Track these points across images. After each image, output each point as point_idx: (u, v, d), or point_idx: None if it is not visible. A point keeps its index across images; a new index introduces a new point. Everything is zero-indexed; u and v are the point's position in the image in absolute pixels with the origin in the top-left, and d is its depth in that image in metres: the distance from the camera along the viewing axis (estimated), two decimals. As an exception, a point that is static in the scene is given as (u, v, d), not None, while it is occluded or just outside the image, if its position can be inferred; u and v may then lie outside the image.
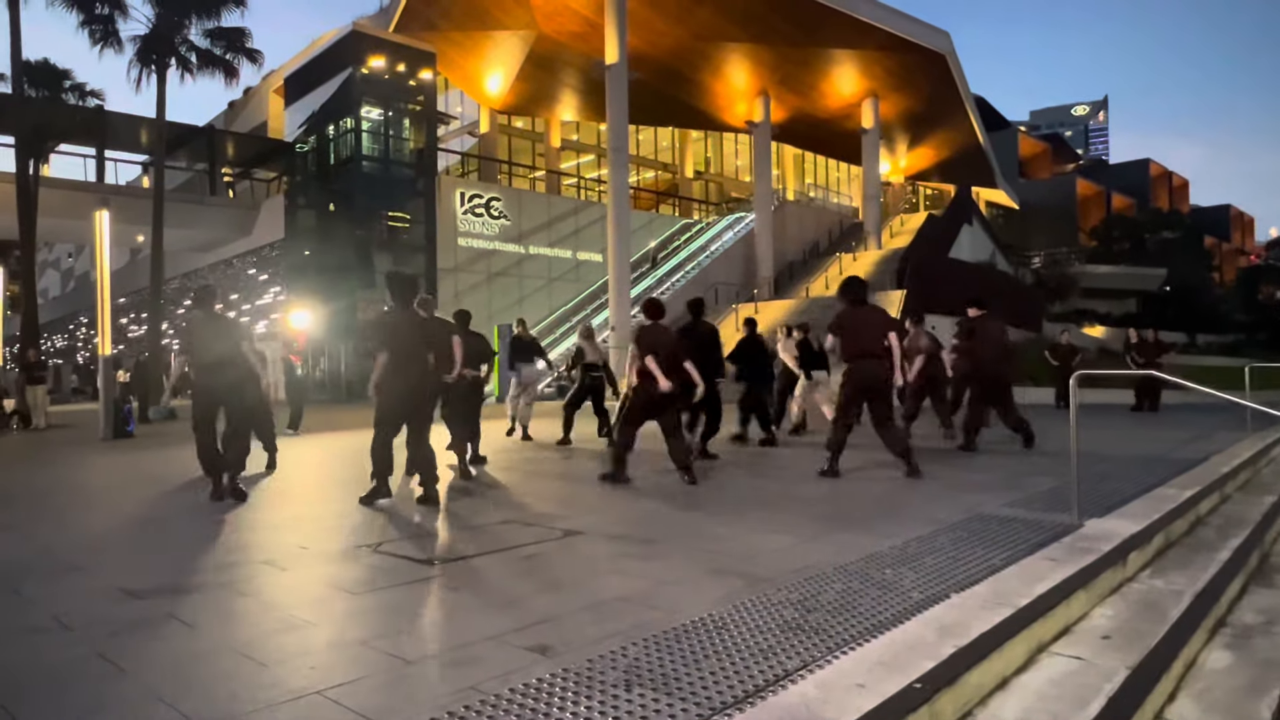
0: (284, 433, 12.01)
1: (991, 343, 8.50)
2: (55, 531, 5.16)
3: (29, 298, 20.95)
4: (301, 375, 13.08)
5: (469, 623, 3.00)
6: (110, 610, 3.25)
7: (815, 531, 4.50)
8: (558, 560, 3.97)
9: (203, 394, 6.12)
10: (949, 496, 5.52)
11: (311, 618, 3.10)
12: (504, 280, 28.76)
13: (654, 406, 6.33)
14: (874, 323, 6.64)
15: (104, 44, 20.76)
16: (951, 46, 32.76)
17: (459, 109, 37.70)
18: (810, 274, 33.56)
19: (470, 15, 30.38)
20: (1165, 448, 8.24)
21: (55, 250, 48.89)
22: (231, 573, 3.80)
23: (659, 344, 6.37)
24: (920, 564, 3.66)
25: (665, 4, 28.33)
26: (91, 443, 12.21)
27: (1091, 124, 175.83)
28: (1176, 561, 4.28)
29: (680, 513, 5.30)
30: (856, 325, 6.53)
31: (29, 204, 20.49)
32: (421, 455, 5.79)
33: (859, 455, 8.05)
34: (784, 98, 34.58)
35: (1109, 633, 3.19)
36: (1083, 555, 3.76)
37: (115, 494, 7.13)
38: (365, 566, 3.89)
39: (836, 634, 2.74)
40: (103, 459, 10.09)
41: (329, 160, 27.64)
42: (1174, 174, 76.73)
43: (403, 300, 6.02)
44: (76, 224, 23.90)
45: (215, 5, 21.27)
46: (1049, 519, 4.58)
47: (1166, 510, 4.81)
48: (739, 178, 45.29)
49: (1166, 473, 6.22)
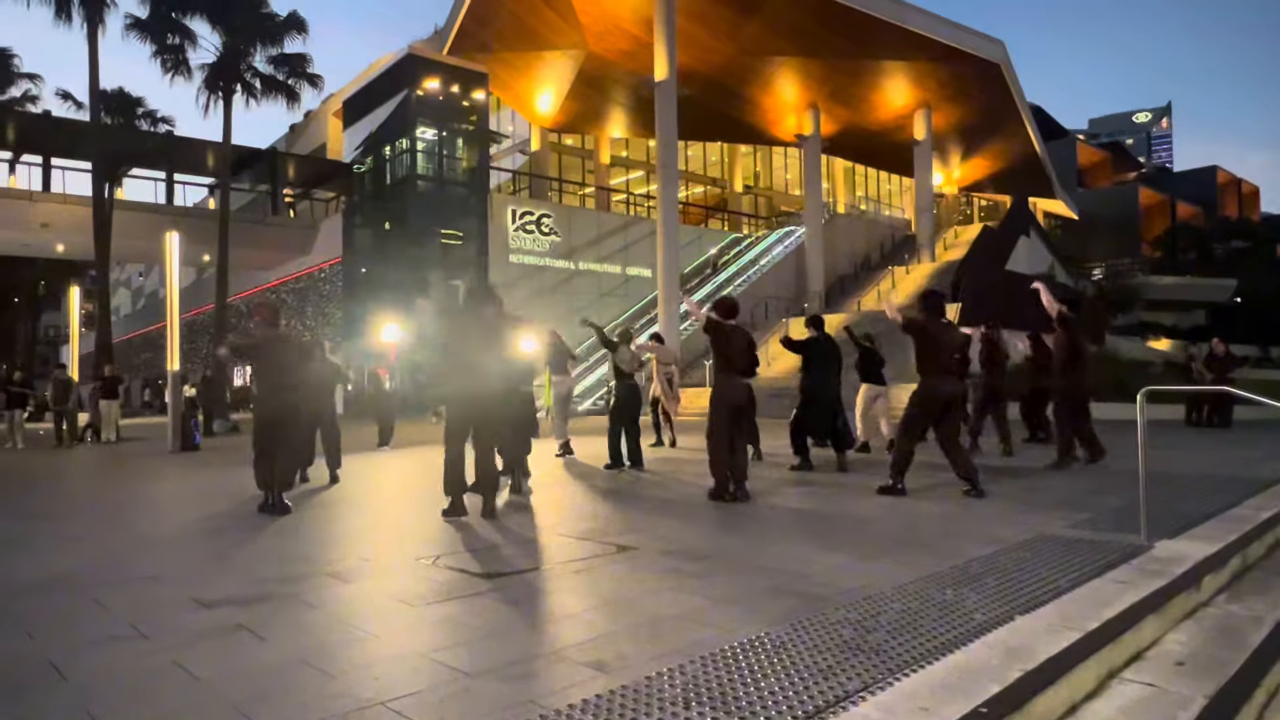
0: (379, 449, 12.14)
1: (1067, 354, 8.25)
2: (127, 542, 5.37)
3: (104, 316, 21.86)
4: (391, 390, 13.09)
5: (526, 637, 3.03)
6: (184, 619, 3.37)
7: (872, 550, 4.44)
8: (612, 576, 3.99)
9: (263, 413, 6.31)
10: (1011, 516, 5.39)
11: (374, 630, 3.16)
12: (554, 296, 29.04)
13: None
14: (951, 339, 6.57)
15: (175, 72, 21.70)
16: (1006, 55, 32.18)
17: (510, 128, 38.34)
18: (862, 287, 33.15)
19: (522, 37, 30.94)
20: (1237, 466, 7.92)
21: (126, 269, 51.00)
22: (297, 584, 3.91)
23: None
24: (982, 585, 3.58)
25: (714, 21, 28.45)
26: (160, 455, 12.67)
27: (1154, 131, 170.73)
28: (1254, 586, 4.11)
29: (734, 529, 5.27)
30: (937, 338, 6.45)
31: (104, 226, 21.43)
32: (484, 467, 5.87)
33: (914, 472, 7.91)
34: (834, 110, 34.36)
35: (1183, 659, 3.08)
36: (1153, 578, 3.64)
37: (183, 506, 7.39)
38: (424, 580, 3.96)
39: (897, 655, 2.70)
40: (170, 471, 10.45)
41: (385, 180, 28.36)
42: (1243, 181, 74.02)
43: (479, 311, 5.94)
44: (147, 244, 24.89)
45: (278, 33, 22.08)
46: (1116, 540, 4.44)
47: (1242, 532, 4.62)
48: (788, 191, 45.09)
49: (1240, 492, 5.98)
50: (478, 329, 5.86)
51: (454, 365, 5.82)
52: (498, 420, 6.10)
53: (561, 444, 10.17)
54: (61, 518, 6.58)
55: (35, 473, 10.90)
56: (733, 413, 6.35)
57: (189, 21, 21.50)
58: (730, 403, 6.35)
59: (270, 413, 6.24)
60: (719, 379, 6.50)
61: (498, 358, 5.97)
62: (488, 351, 5.87)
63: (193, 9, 21.23)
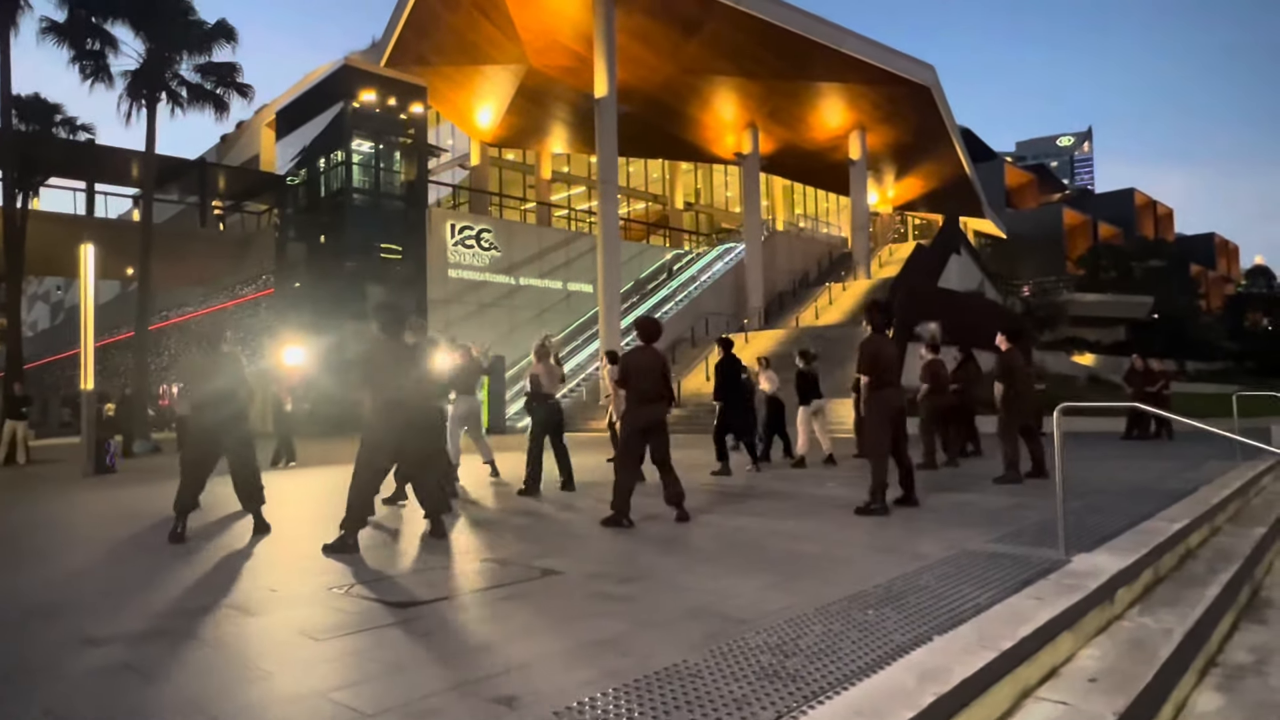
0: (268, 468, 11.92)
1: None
2: (21, 574, 5.03)
3: (14, 332, 20.77)
4: (290, 411, 12.95)
5: (435, 671, 2.90)
6: (69, 660, 3.13)
7: (799, 569, 4.41)
8: (534, 602, 3.87)
9: (198, 432, 6.05)
10: (936, 531, 5.44)
11: (272, 667, 2.99)
12: (495, 311, 28.74)
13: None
14: (894, 352, 6.65)
15: (95, 79, 20.80)
16: (936, 79, 33.22)
17: (450, 142, 37.98)
18: (800, 303, 33.66)
19: (461, 50, 30.71)
20: (1154, 478, 8.19)
21: (45, 283, 48.76)
22: (197, 618, 3.68)
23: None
24: (904, 603, 3.57)
25: (655, 39, 28.70)
26: (73, 479, 12.03)
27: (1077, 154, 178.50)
28: (1166, 598, 4.21)
29: (665, 550, 5.20)
30: (885, 353, 6.52)
31: (16, 237, 20.42)
32: (429, 487, 5.82)
33: (849, 487, 7.97)
34: (772, 130, 34.94)
35: (1096, 675, 3.11)
36: (1069, 593, 3.68)
37: (88, 533, 6.99)
38: (334, 611, 3.78)
39: (814, 681, 2.65)
40: (80, 496, 9.92)
41: (320, 193, 27.70)
42: (1158, 203, 77.69)
43: (392, 330, 5.79)
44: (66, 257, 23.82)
45: (206, 41, 21.40)
46: (1036, 554, 4.50)
47: (1155, 544, 4.73)
48: (729, 208, 45.61)
49: (1155, 504, 6.15)
50: (393, 350, 5.71)
51: (375, 388, 5.61)
52: (425, 442, 5.97)
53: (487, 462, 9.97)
54: (-50, 549, 6.15)
55: (-70, 499, 10.22)
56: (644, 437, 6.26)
57: (110, 27, 20.65)
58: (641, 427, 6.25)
59: (204, 431, 6.04)
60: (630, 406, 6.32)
61: (416, 379, 5.82)
62: (405, 373, 5.69)
63: (113, 14, 20.40)
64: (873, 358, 6.51)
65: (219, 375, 6.10)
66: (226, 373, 6.15)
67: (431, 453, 6.46)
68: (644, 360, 6.31)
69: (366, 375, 5.65)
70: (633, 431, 6.26)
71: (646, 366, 6.27)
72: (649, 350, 6.39)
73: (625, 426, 6.36)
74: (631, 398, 6.30)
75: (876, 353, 6.53)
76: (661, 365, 6.33)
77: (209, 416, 6.00)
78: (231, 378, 6.14)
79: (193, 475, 5.94)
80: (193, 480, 5.93)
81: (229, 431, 6.04)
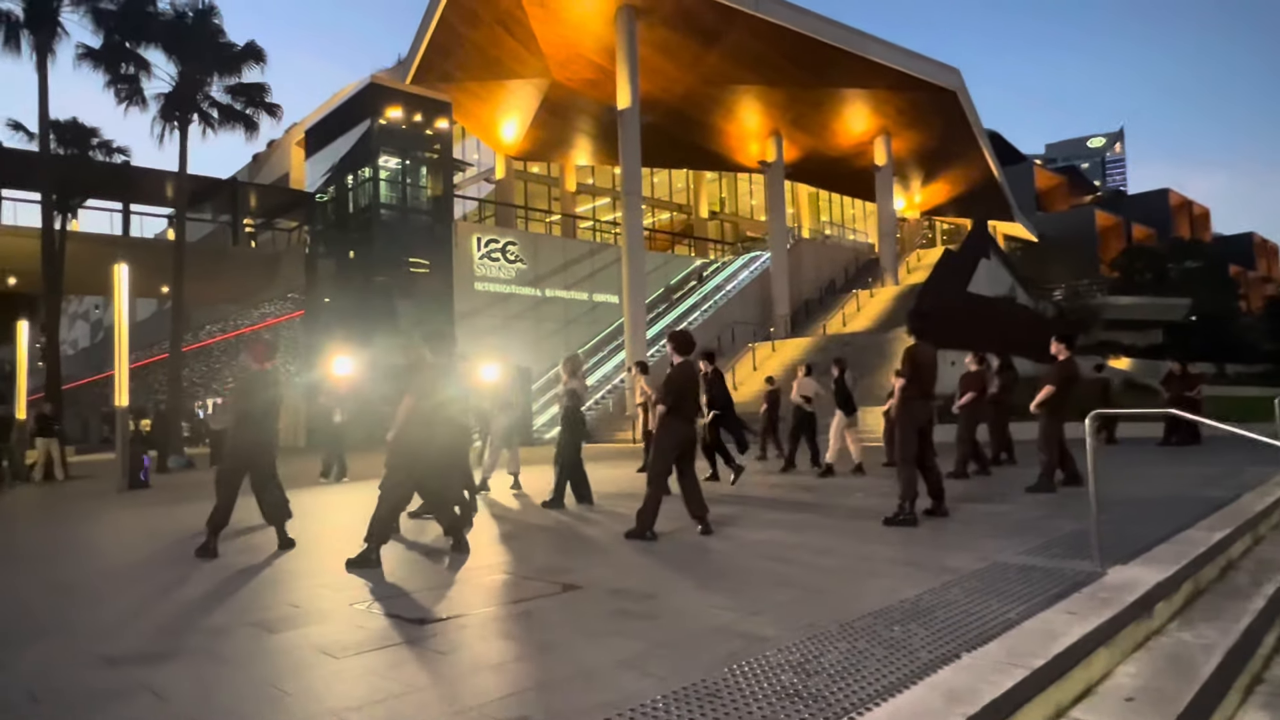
0: (318, 481, 12.07)
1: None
2: (48, 592, 5.08)
3: (52, 350, 21.25)
4: (341, 422, 12.87)
5: (450, 690, 2.86)
6: (86, 681, 3.14)
7: (824, 584, 4.32)
8: (554, 618, 3.82)
9: (234, 447, 6.10)
10: (965, 543, 5.31)
11: (290, 687, 2.97)
12: (521, 323, 28.87)
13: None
14: (934, 361, 6.58)
15: (129, 102, 21.28)
16: (962, 83, 32.90)
17: (475, 156, 38.31)
18: (827, 311, 33.42)
19: (485, 66, 31.00)
20: (1193, 485, 7.95)
21: (85, 302, 49.87)
22: (217, 637, 3.68)
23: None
24: (931, 619, 3.48)
25: (676, 51, 28.74)
26: (106, 495, 12.23)
27: (1108, 155, 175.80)
28: (1207, 611, 4.05)
29: (688, 565, 5.13)
30: (928, 362, 6.47)
31: (55, 258, 20.91)
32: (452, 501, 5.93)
33: (877, 497, 7.85)
34: (796, 137, 34.81)
35: (1133, 694, 2.99)
36: (1104, 607, 3.56)
37: (117, 549, 7.08)
38: (355, 627, 3.76)
39: (837, 702, 2.57)
40: (112, 513, 10.06)
41: (348, 209, 28.09)
42: (1194, 203, 76.16)
43: (439, 353, 6.06)
44: (102, 277, 24.36)
45: (236, 62, 21.80)
46: (1069, 567, 4.37)
47: (1195, 555, 4.57)
48: (754, 217, 45.47)
49: (1195, 513, 5.96)
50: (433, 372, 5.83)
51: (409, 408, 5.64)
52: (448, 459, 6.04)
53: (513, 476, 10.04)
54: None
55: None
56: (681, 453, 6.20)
57: (143, 51, 21.14)
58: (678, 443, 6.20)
59: (246, 448, 6.08)
60: (673, 424, 6.22)
61: (447, 398, 5.94)
62: (439, 393, 5.81)
63: (147, 38, 20.87)
64: (915, 364, 6.42)
65: (255, 392, 6.15)
66: (262, 390, 6.20)
67: (454, 469, 6.47)
68: (684, 378, 6.27)
69: (408, 392, 5.70)
70: (672, 448, 6.17)
71: (688, 384, 6.26)
72: (686, 365, 6.35)
73: (665, 442, 6.21)
74: (675, 416, 6.19)
75: (920, 360, 6.45)
76: (697, 381, 6.37)
77: (245, 433, 6.06)
78: (266, 395, 6.20)
79: (229, 491, 6.00)
80: (229, 496, 5.99)
81: (260, 447, 6.10)
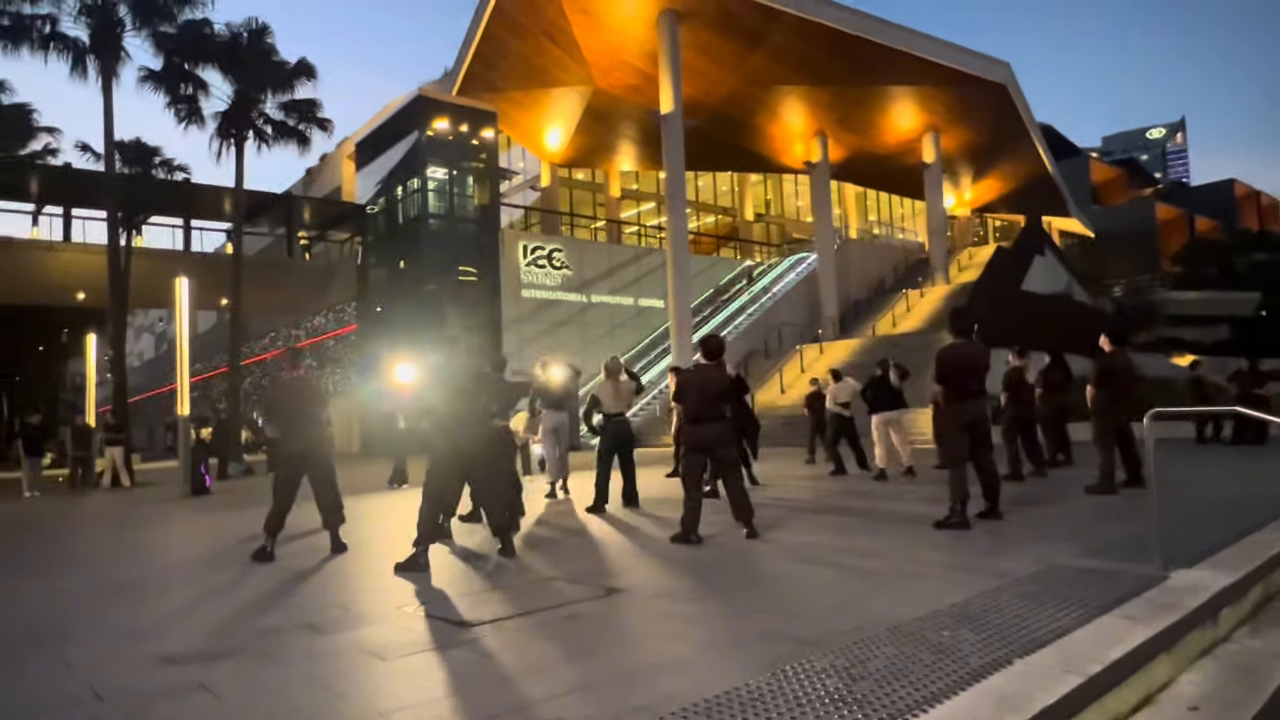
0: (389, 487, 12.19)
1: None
2: (113, 594, 5.27)
3: (119, 363, 22.07)
4: (404, 429, 13.03)
5: (493, 693, 2.88)
6: (145, 679, 3.25)
7: (872, 588, 4.25)
8: (598, 622, 3.83)
9: (287, 454, 6.28)
10: (1020, 546, 5.17)
11: (340, 688, 3.03)
12: (567, 329, 29.06)
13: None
14: (974, 359, 6.40)
15: (188, 121, 22.05)
16: (1012, 77, 32.14)
17: (521, 164, 38.71)
18: (876, 312, 32.92)
19: (529, 75, 31.33)
20: (1263, 486, 7.62)
21: (149, 315, 51.72)
22: (270, 637, 3.78)
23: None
24: (983, 624, 3.39)
25: (719, 53, 28.66)
26: (170, 501, 12.65)
27: (1169, 146, 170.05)
28: (1277, 618, 3.88)
29: (733, 568, 5.09)
30: (961, 361, 6.31)
31: (121, 274, 21.72)
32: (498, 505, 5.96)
33: (923, 501, 7.69)
34: (842, 137, 34.41)
35: (1197, 702, 2.88)
36: (1166, 612, 3.43)
37: (179, 552, 7.31)
38: (402, 630, 3.82)
39: (882, 707, 2.52)
40: (175, 518, 10.41)
41: (398, 220, 28.66)
42: (1262, 193, 73.13)
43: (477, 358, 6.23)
44: (165, 291, 25.24)
45: (288, 79, 22.42)
46: (1130, 570, 4.22)
47: (1265, 558, 4.38)
48: (800, 218, 45.05)
49: (1265, 515, 5.70)
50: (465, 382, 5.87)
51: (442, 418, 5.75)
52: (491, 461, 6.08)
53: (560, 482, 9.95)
54: (56, 570, 6.49)
55: (43, 523, 10.87)
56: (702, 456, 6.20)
57: (201, 72, 21.88)
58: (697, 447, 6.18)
59: (291, 456, 6.25)
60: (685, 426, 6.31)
61: (483, 403, 5.97)
62: (475, 397, 5.86)
63: (204, 59, 21.61)
64: (945, 365, 6.29)
65: (304, 399, 6.32)
66: (310, 397, 6.36)
67: (499, 472, 6.53)
68: (696, 379, 6.25)
69: (441, 397, 5.79)
70: (688, 450, 6.22)
71: (698, 385, 6.20)
72: (705, 369, 6.32)
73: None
74: (686, 416, 6.26)
75: (949, 360, 6.31)
76: (717, 384, 6.19)
77: (296, 440, 6.23)
78: (315, 401, 6.36)
79: (285, 497, 6.16)
80: (285, 501, 6.16)
81: (313, 453, 6.25)
